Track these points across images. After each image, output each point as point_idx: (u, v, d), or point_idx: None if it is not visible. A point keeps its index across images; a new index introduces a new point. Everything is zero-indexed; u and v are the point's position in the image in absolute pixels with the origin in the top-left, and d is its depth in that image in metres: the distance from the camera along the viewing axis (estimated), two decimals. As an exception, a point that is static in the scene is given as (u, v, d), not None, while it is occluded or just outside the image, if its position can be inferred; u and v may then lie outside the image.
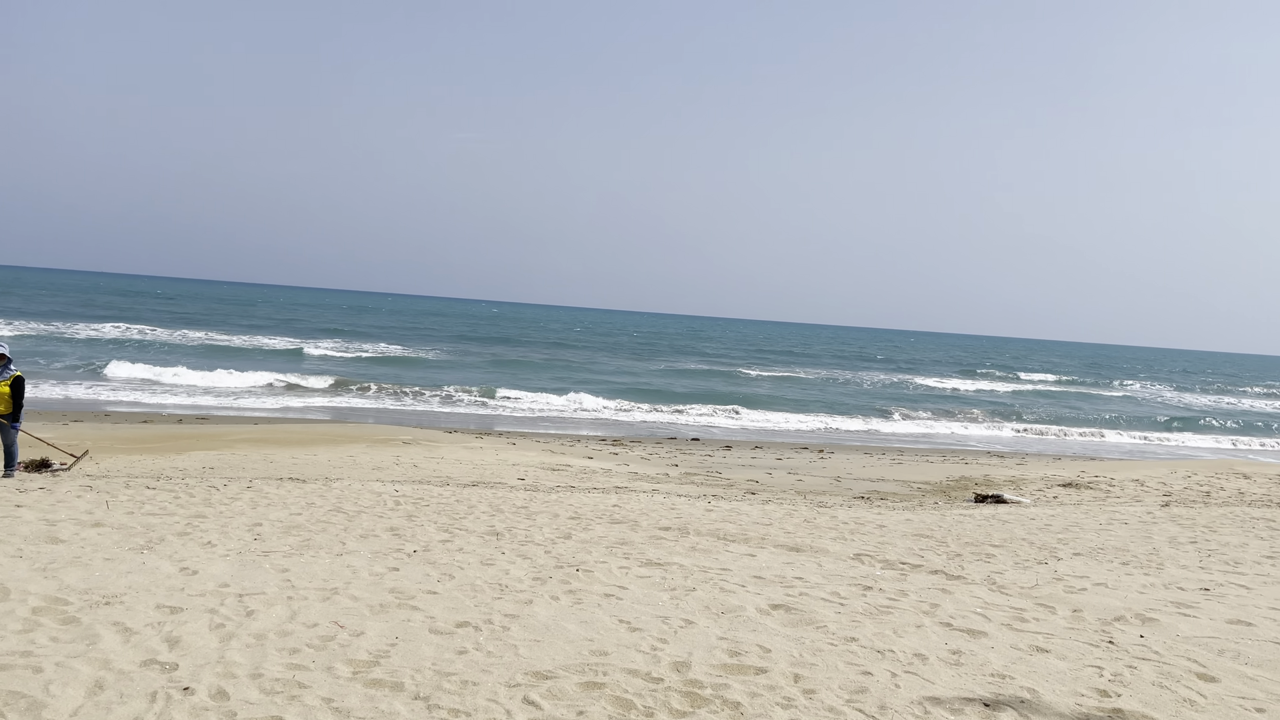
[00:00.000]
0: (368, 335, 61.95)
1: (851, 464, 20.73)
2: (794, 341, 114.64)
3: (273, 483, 11.65)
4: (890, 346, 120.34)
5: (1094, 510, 13.14)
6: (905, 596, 6.21)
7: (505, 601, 5.46)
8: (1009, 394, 51.77)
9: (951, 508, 13.04)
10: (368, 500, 10.25)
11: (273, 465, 14.61)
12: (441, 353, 50.74)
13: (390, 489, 11.35)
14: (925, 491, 16.20)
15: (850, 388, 48.02)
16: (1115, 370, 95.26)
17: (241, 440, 17.39)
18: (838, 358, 77.88)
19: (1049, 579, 7.16)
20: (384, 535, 7.57)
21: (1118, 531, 10.46)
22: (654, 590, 5.99)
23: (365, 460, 15.71)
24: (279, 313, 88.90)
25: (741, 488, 15.33)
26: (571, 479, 14.90)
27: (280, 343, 48.52)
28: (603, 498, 11.75)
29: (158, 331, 48.98)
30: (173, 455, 15.21)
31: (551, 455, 18.06)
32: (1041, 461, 23.43)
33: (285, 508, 9.25)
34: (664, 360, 58.52)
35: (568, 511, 9.97)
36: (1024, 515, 12.01)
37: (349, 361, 41.43)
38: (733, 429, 29.44)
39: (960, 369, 73.81)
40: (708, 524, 9.44)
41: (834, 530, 9.43)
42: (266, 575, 5.79)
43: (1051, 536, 9.79)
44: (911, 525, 10.28)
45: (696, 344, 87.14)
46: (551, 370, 44.52)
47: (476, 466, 15.68)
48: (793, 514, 10.91)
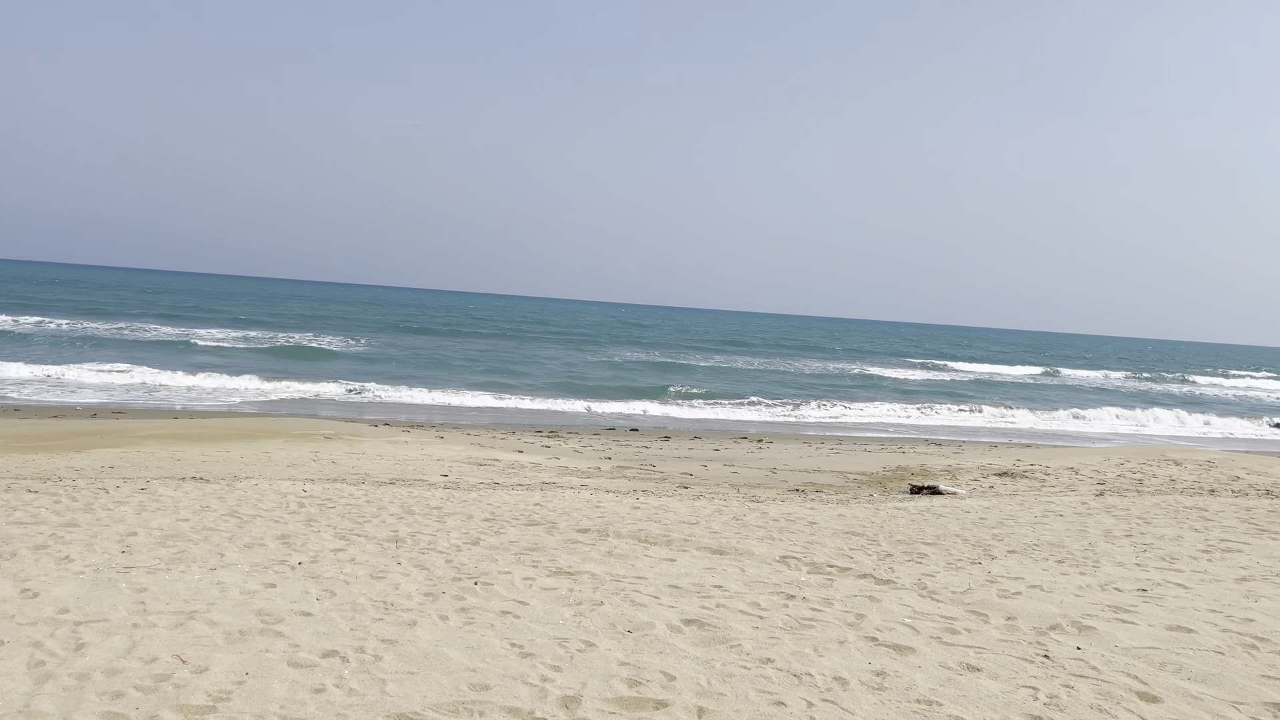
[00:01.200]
0: (297, 325, 60.46)
1: (789, 454, 20.42)
2: (740, 331, 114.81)
3: (173, 483, 10.90)
4: (837, 335, 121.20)
5: (1029, 501, 12.93)
6: (830, 606, 5.77)
7: (386, 623, 4.90)
8: (949, 381, 52.18)
9: (886, 500, 12.73)
10: (270, 502, 9.58)
11: (179, 464, 13.80)
12: (376, 344, 49.62)
13: (298, 489, 10.67)
14: (861, 483, 15.92)
15: (793, 376, 47.96)
16: (1056, 358, 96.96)
17: (150, 436, 16.49)
18: (783, 346, 78.06)
19: (982, 581, 6.79)
20: (272, 544, 6.95)
21: (1053, 525, 10.20)
22: (557, 605, 5.47)
23: (281, 457, 14.95)
24: (207, 302, 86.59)
25: (674, 481, 14.89)
26: (498, 474, 14.32)
27: (213, 333, 47.02)
28: (526, 495, 11.21)
29: (64, 323, 47.10)
30: (72, 454, 14.30)
31: (480, 449, 17.44)
32: (978, 449, 23.38)
33: (174, 513, 8.56)
34: (605, 350, 58.00)
35: (483, 512, 9.41)
36: (959, 508, 11.72)
37: (280, 351, 40.21)
38: (673, 419, 29.04)
39: (901, 357, 74.45)
40: (630, 524, 8.95)
41: (763, 529, 9.00)
42: (118, 597, 5.15)
43: (986, 532, 9.48)
44: (844, 521, 9.90)
45: (640, 333, 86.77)
46: (490, 360, 43.72)
47: (399, 462, 15.01)
48: (722, 510, 10.47)
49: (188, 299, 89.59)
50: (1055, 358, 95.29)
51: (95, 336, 40.50)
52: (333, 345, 45.55)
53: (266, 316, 67.49)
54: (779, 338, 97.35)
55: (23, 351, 32.19)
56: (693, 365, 49.80)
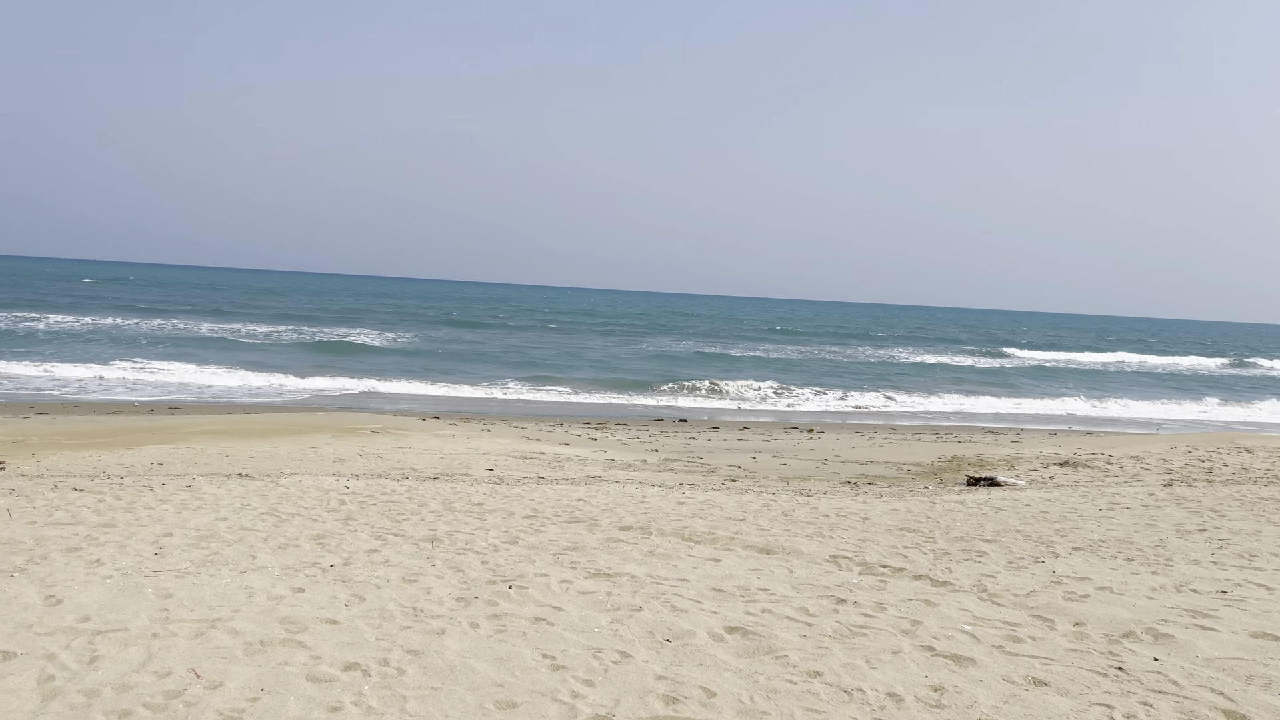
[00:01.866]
0: (346, 320, 61.10)
1: (841, 444, 19.98)
2: (789, 318, 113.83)
3: (217, 480, 10.86)
4: (886, 322, 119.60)
5: (1092, 493, 12.40)
6: (883, 611, 5.44)
7: (414, 632, 4.68)
8: (1006, 367, 51.06)
9: (942, 493, 12.30)
10: (311, 500, 9.47)
11: (227, 460, 13.81)
12: (425, 337, 49.92)
13: (341, 485, 10.57)
14: (915, 474, 15.46)
15: (844, 364, 47.26)
16: (1117, 341, 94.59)
17: (201, 433, 16.58)
18: (832, 334, 77.12)
19: (1046, 582, 6.40)
20: (307, 545, 6.79)
21: (1120, 518, 9.71)
22: (594, 611, 5.21)
23: (328, 452, 14.92)
24: (254, 298, 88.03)
25: (722, 474, 14.57)
26: (543, 468, 14.13)
27: (263, 328, 47.66)
28: (569, 490, 10.99)
29: (117, 320, 48.06)
30: (123, 451, 14.40)
31: (526, 442, 17.28)
32: (1037, 438, 22.69)
33: (214, 511, 8.47)
34: (653, 340, 57.72)
35: (525, 509, 9.19)
36: (1019, 500, 11.26)
37: (328, 346, 40.59)
38: (721, 409, 28.69)
39: (956, 343, 73.15)
40: (674, 521, 8.67)
41: (812, 525, 8.66)
42: (141, 604, 5.00)
43: (1048, 527, 9.04)
44: (897, 516, 9.52)
45: (688, 322, 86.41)
46: (539, 352, 43.70)
47: (444, 457, 14.90)
48: (770, 505, 10.15)
49: (236, 294, 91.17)
50: (1120, 342, 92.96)
51: (149, 334, 41.24)
52: (381, 340, 45.89)
53: (316, 311, 68.34)
54: (828, 325, 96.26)
55: (80, 350, 32.83)
56: (742, 355, 49.32)
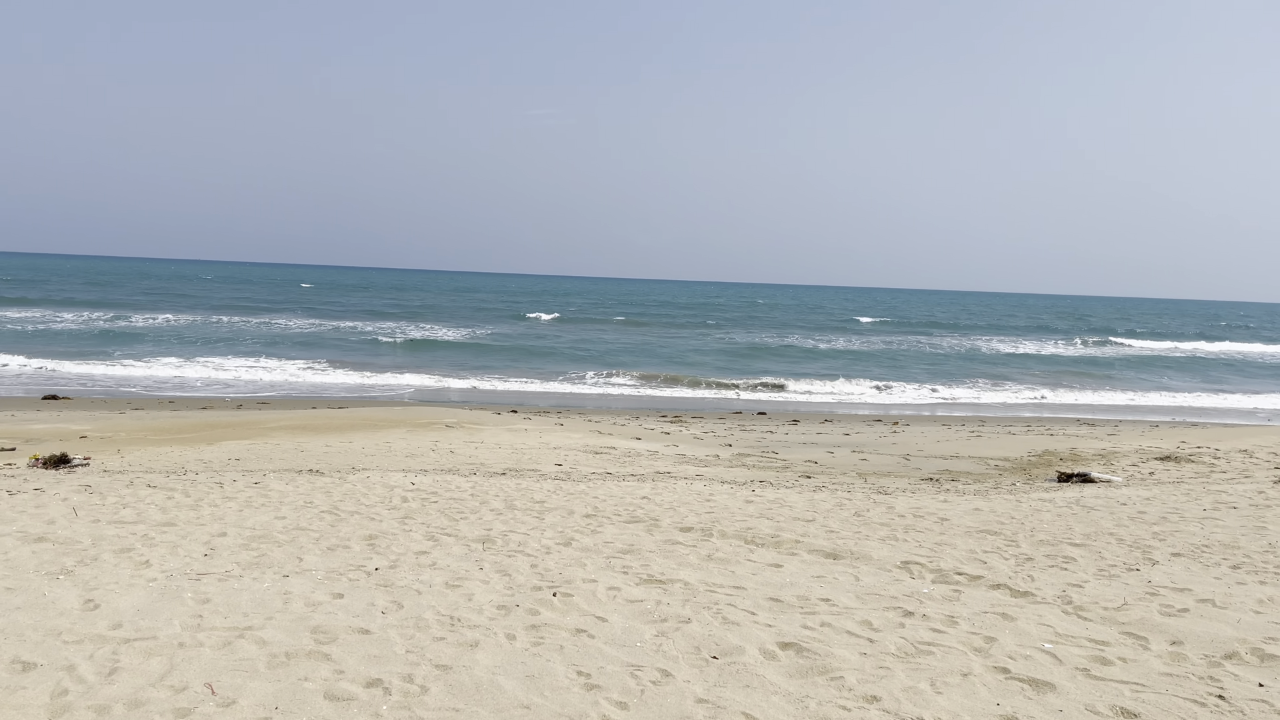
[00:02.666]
0: (428, 315, 61.97)
1: (925, 438, 19.28)
2: (874, 306, 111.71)
3: (287, 476, 10.90)
4: (965, 309, 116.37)
5: (1195, 490, 11.61)
6: (955, 626, 5.01)
7: (446, 644, 4.45)
8: (1105, 356, 49.05)
9: (1030, 491, 11.66)
10: (375, 497, 9.40)
11: (302, 455, 13.93)
12: (502, 332, 50.30)
13: (407, 481, 10.50)
14: (1002, 470, 14.76)
15: (930, 353, 46.01)
16: (1227, 329, 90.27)
17: (280, 428, 16.82)
18: (918, 323, 75.29)
19: (1140, 594, 5.87)
20: (357, 546, 6.65)
21: (1225, 520, 9.01)
22: (639, 622, 4.91)
23: (401, 447, 14.95)
24: (336, 295, 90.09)
25: (797, 470, 14.13)
26: (612, 463, 13.90)
27: (348, 325, 48.63)
28: (635, 487, 10.72)
29: (208, 318, 49.52)
30: (203, 446, 14.66)
31: (598, 436, 17.09)
32: (1136, 431, 21.57)
33: (275, 509, 8.43)
34: (733, 331, 57.12)
35: (586, 507, 8.95)
36: (1113, 499, 10.58)
37: (412, 345, 41.14)
38: (802, 402, 28.11)
39: (1046, 331, 70.67)
40: (739, 521, 8.32)
41: (885, 527, 8.21)
42: (177, 609, 4.89)
43: (1145, 529, 8.41)
44: (979, 517, 8.99)
45: (770, 313, 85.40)
46: (615, 344, 43.59)
47: (515, 451, 14.79)
48: (844, 505, 9.71)
49: (324, 292, 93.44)
50: (1229, 329, 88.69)
51: (243, 331, 42.40)
52: (460, 335, 46.37)
53: (398, 308, 69.54)
54: (914, 313, 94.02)
55: (178, 347, 33.89)
56: (824, 345, 48.43)
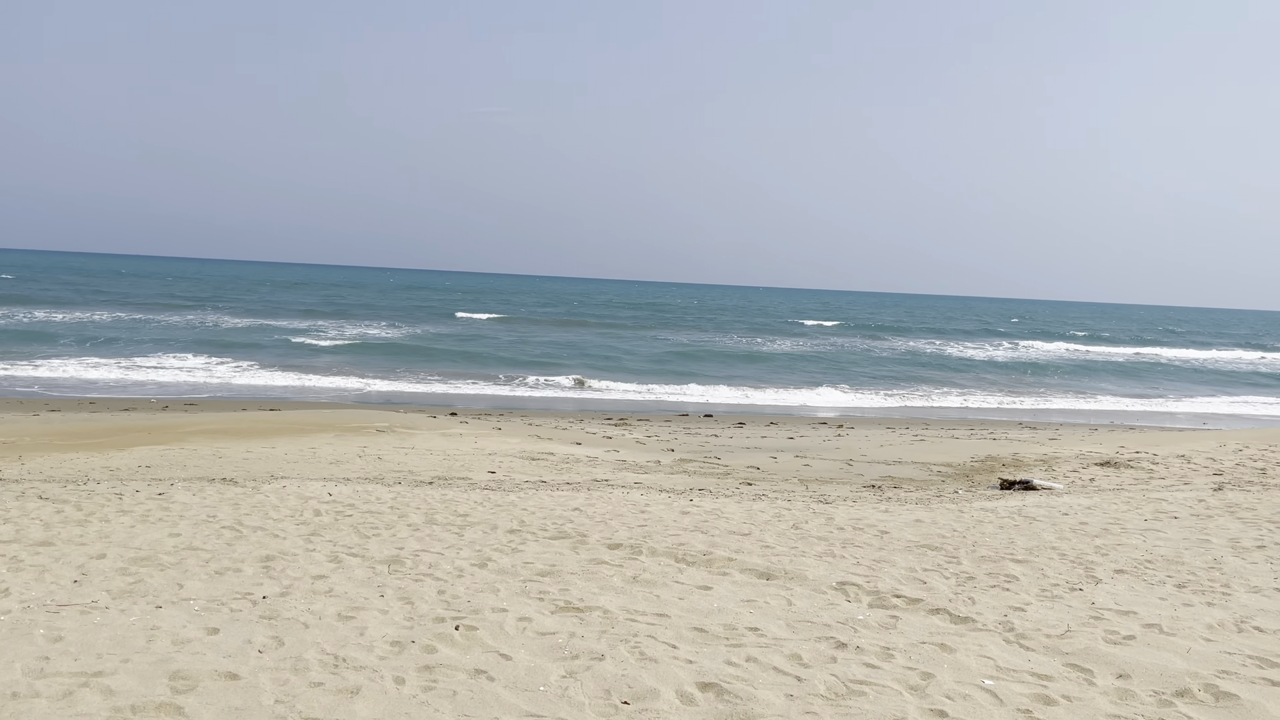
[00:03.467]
0: (371, 315, 60.87)
1: (869, 442, 19.07)
2: (827, 308, 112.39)
3: (197, 486, 10.26)
4: (908, 311, 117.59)
5: (1136, 499, 11.46)
6: (890, 659, 4.64)
7: (323, 691, 3.96)
8: (1044, 359, 49.63)
9: (973, 499, 11.42)
10: (285, 510, 8.83)
11: (219, 462, 13.24)
12: (453, 331, 49.50)
13: (324, 492, 9.92)
14: (945, 476, 14.55)
15: (872, 356, 46.14)
16: (1159, 331, 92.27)
17: (200, 432, 16.06)
18: (867, 326, 75.76)
19: (1085, 618, 5.56)
20: (249, 569, 6.11)
21: (1167, 531, 8.81)
22: (547, 660, 4.46)
23: (327, 453, 14.32)
24: (273, 292, 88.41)
25: (739, 476, 13.77)
26: (548, 470, 13.42)
27: (292, 324, 47.48)
28: (569, 497, 10.26)
29: (142, 316, 48.10)
30: (114, 452, 13.89)
31: (537, 441, 16.58)
32: (1077, 434, 21.63)
33: (171, 525, 7.83)
34: (685, 331, 56.86)
35: (511, 521, 8.47)
36: (1055, 509, 10.36)
37: (347, 343, 40.22)
38: (750, 404, 27.85)
39: (991, 334, 71.53)
40: (672, 535, 7.90)
41: (823, 541, 7.85)
42: (22, 649, 4.33)
43: (1087, 542, 8.16)
44: (920, 529, 8.68)
45: (720, 315, 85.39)
46: (567, 345, 43.06)
47: (447, 458, 14.24)
48: (782, 515, 9.35)
49: (265, 290, 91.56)
50: (1164, 334, 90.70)
51: (168, 329, 41.11)
52: (402, 334, 45.49)
53: (340, 306, 68.24)
54: (863, 316, 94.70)
55: (97, 345, 32.66)
56: (775, 348, 48.35)
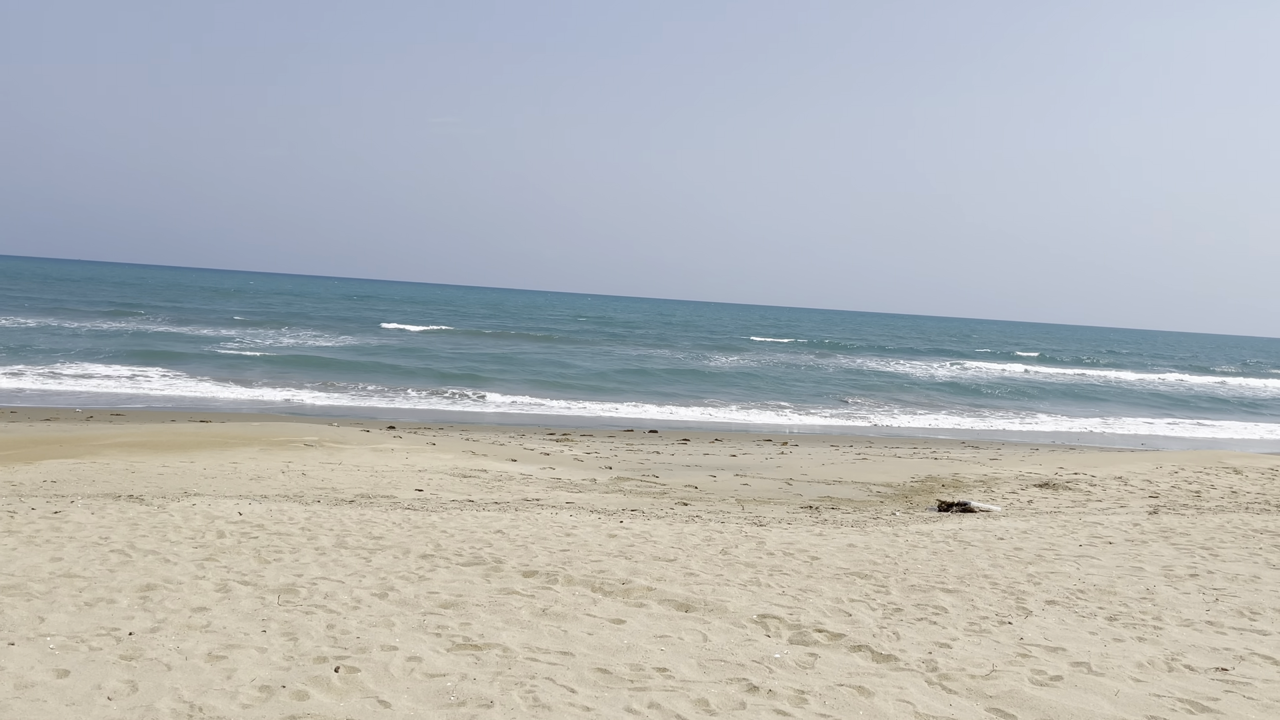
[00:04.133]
0: (319, 324, 59.76)
1: (811, 460, 18.89)
2: (774, 325, 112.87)
3: (99, 503, 9.69)
4: (854, 330, 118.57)
5: (1073, 522, 11.36)
6: (803, 704, 4.34)
7: (169, 747, 3.55)
8: (991, 379, 50.14)
9: (909, 522, 11.22)
10: (186, 532, 8.33)
11: (131, 477, 12.63)
12: (400, 340, 48.70)
13: (235, 511, 9.41)
14: (884, 497, 14.38)
15: (819, 373, 46.24)
16: (1099, 352, 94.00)
17: (116, 445, 15.37)
18: (816, 343, 76.09)
19: (1012, 654, 5.32)
20: (125, 600, 5.65)
21: (1101, 558, 8.66)
22: (430, 708, 4.09)
23: (249, 468, 13.75)
24: (195, 299, 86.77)
25: (675, 496, 13.46)
26: (478, 488, 13.00)
27: (219, 331, 46.38)
28: (494, 518, 9.86)
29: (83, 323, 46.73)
30: (19, 465, 13.19)
31: (471, 458, 16.13)
32: (1018, 454, 21.67)
33: (60, 548, 7.32)
34: (638, 346, 56.58)
35: (426, 545, 8.06)
36: (991, 532, 10.20)
37: (289, 352, 39.32)
38: (697, 421, 27.61)
39: (936, 352, 72.28)
40: (593, 562, 7.56)
41: (751, 568, 7.56)
42: None
43: (1020, 570, 7.97)
44: (852, 555, 8.43)
45: (671, 329, 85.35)
46: (518, 357, 42.52)
47: (374, 474, 13.75)
48: (712, 539, 9.05)
49: (199, 296, 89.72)
50: (1105, 354, 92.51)
51: (105, 334, 39.87)
52: (340, 344, 44.64)
53: (280, 315, 66.99)
54: (814, 332, 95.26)
55: (16, 351, 31.50)
56: (724, 362, 48.24)
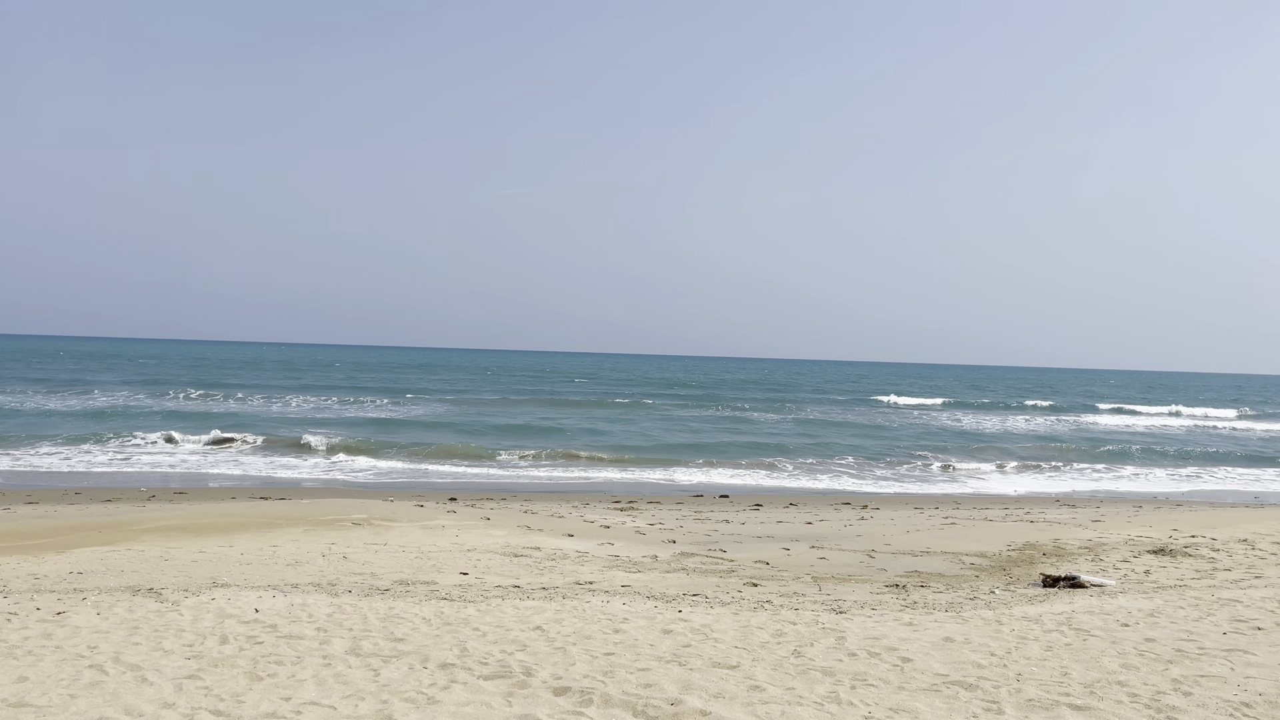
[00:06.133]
0: (381, 393, 59.84)
1: (894, 527, 17.42)
2: (863, 377, 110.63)
3: (112, 599, 8.90)
4: (918, 379, 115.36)
5: (1204, 599, 9.82)
6: None
7: None
8: (1068, 430, 47.63)
9: (1012, 602, 9.81)
10: (191, 635, 7.44)
11: (164, 565, 11.87)
12: (475, 410, 48.33)
13: (252, 607, 8.52)
14: (979, 570, 12.91)
15: (892, 430, 44.38)
16: (1175, 396, 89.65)
17: (158, 529, 14.72)
18: (874, 397, 73.84)
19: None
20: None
21: (1256, 651, 7.20)
22: None
23: (288, 552, 12.93)
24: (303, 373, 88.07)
25: (744, 574, 12.21)
26: (528, 570, 11.93)
27: (295, 403, 46.49)
28: (537, 610, 8.78)
29: (180, 398, 47.32)
30: (51, 555, 12.56)
31: (525, 534, 15.11)
32: (1121, 515, 19.83)
33: (34, 663, 6.48)
34: (711, 406, 55.35)
35: (449, 650, 7.01)
36: (1111, 617, 8.76)
37: (375, 422, 39.06)
38: (772, 487, 26.28)
39: (1007, 402, 69.46)
40: (642, 669, 6.41)
41: (829, 676, 6.33)
42: None
43: (1159, 672, 6.58)
44: (950, 654, 7.13)
45: (748, 389, 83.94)
46: (588, 422, 41.67)
47: (419, 556, 12.80)
48: (785, 633, 7.83)
49: (304, 371, 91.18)
50: (1189, 399, 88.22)
51: (199, 411, 40.17)
52: (420, 413, 44.33)
53: (362, 386, 67.38)
54: (883, 385, 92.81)
55: (95, 432, 31.64)
56: (812, 418, 46.70)
